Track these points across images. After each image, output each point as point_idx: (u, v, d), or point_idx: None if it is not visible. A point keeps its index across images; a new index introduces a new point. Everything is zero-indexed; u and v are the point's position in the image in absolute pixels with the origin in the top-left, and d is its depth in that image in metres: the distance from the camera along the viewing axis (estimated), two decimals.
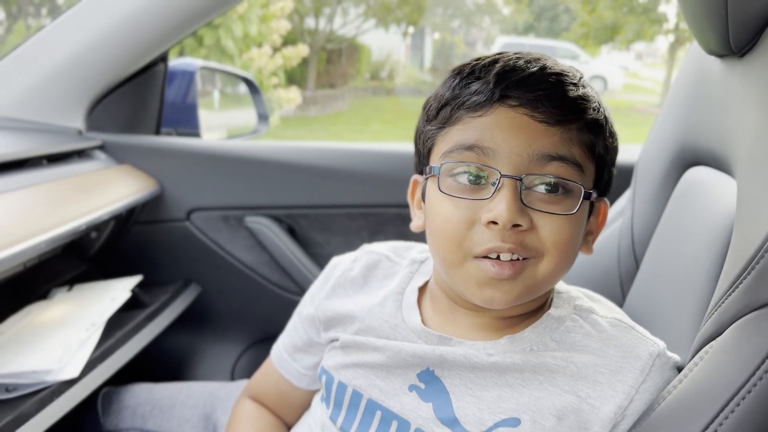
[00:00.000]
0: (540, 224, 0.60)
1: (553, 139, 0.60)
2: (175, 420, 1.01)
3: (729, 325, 0.55)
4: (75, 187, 1.12)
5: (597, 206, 0.68)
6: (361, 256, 0.78)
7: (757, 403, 0.50)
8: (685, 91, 0.91)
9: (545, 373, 0.63)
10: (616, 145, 0.67)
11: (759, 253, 0.53)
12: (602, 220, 0.69)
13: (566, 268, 0.64)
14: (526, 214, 0.59)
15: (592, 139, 0.62)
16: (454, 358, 0.65)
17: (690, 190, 0.86)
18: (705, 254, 0.75)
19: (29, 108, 1.26)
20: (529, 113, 0.59)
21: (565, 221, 0.60)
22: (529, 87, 0.60)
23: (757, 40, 0.65)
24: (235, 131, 1.97)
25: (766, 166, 0.57)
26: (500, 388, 0.63)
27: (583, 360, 0.63)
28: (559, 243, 0.60)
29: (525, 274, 0.60)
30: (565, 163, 0.60)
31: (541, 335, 0.65)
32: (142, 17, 1.22)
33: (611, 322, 0.66)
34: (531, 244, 0.60)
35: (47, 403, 0.85)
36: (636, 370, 0.61)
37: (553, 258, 0.61)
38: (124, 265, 1.33)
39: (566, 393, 0.62)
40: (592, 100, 0.63)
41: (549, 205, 0.60)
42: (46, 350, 0.94)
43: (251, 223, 1.34)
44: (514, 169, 0.59)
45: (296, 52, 7.12)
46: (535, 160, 0.59)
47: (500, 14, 20.24)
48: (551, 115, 0.60)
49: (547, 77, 0.61)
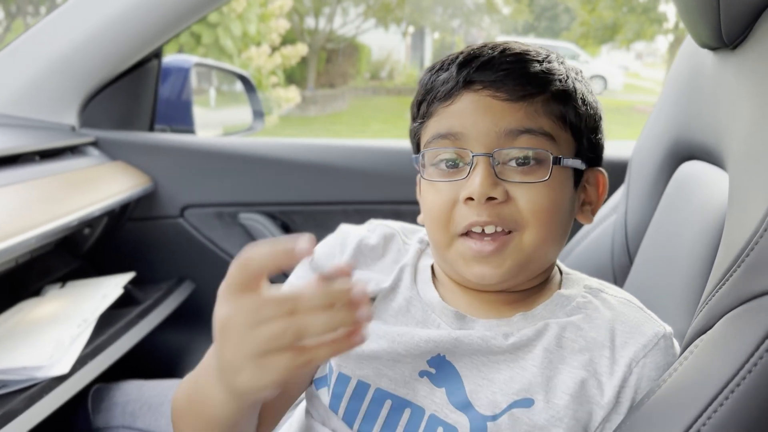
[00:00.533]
0: (516, 195, 0.62)
1: (518, 114, 0.62)
2: (164, 419, 1.00)
3: (719, 318, 0.54)
4: (68, 184, 1.12)
5: (592, 176, 0.70)
6: (375, 227, 0.77)
7: (747, 396, 0.50)
8: (679, 86, 0.91)
9: (555, 350, 0.63)
10: (593, 112, 0.68)
11: (749, 245, 0.53)
12: (602, 190, 0.71)
13: (556, 237, 0.65)
14: (501, 186, 0.62)
15: (561, 109, 0.64)
16: (471, 342, 0.64)
17: (683, 185, 0.86)
18: (698, 249, 0.75)
19: (22, 104, 1.25)
20: (492, 94, 0.63)
21: (541, 189, 0.63)
22: (491, 70, 0.63)
23: (749, 32, 0.64)
24: (231, 129, 1.97)
25: (757, 158, 0.57)
26: (512, 369, 0.63)
27: (592, 335, 0.63)
28: (538, 212, 0.62)
29: (511, 248, 0.63)
30: (532, 134, 0.62)
31: (553, 311, 0.66)
32: (135, 13, 1.22)
33: (620, 300, 0.67)
34: (509, 215, 0.62)
35: (37, 399, 0.84)
36: (639, 345, 0.62)
37: (535, 227, 0.63)
38: (118, 261, 1.32)
39: (576, 369, 0.62)
40: (556, 73, 0.65)
41: (522, 176, 0.62)
42: (36, 347, 0.94)
43: (245, 220, 1.34)
44: (485, 147, 0.62)
45: (295, 52, 7.13)
46: (503, 136, 0.62)
47: (500, 14, 20.24)
48: (513, 92, 0.62)
49: (507, 58, 0.64)
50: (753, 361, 0.50)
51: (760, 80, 0.60)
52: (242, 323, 0.49)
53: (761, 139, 0.57)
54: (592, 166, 0.70)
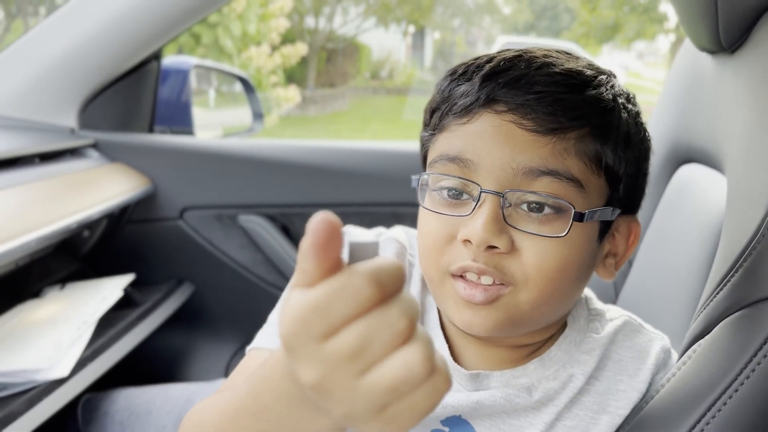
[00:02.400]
0: (522, 247, 0.53)
1: (543, 150, 0.52)
2: (152, 428, 1.00)
3: (717, 323, 0.54)
4: (67, 186, 1.12)
5: (624, 224, 0.59)
6: (385, 243, 0.66)
7: (744, 401, 0.50)
8: (678, 89, 0.90)
9: (575, 396, 0.59)
10: (637, 154, 0.57)
11: (746, 251, 0.53)
12: (633, 242, 0.60)
13: (558, 298, 0.56)
14: (506, 234, 0.52)
15: (597, 149, 0.53)
16: (494, 403, 0.57)
17: (682, 188, 0.86)
18: (696, 252, 0.75)
19: (22, 106, 1.25)
20: (517, 120, 0.52)
21: (554, 245, 0.53)
22: (520, 90, 0.53)
23: (747, 35, 0.64)
24: (231, 130, 1.97)
25: (754, 162, 0.57)
26: (535, 427, 0.58)
27: (605, 374, 0.60)
28: (543, 270, 0.53)
29: (503, 302, 0.54)
30: (556, 178, 0.52)
31: (569, 351, 0.60)
32: (135, 14, 1.21)
33: (624, 321, 0.63)
34: (509, 269, 0.53)
35: (36, 402, 0.85)
36: (652, 366, 0.60)
37: (536, 287, 0.53)
38: (117, 263, 1.32)
39: (597, 414, 0.59)
40: (601, 103, 0.54)
41: (535, 226, 0.53)
42: (36, 349, 0.94)
43: (245, 222, 1.34)
44: (497, 183, 0.53)
45: (295, 51, 7.12)
46: (521, 174, 0.52)
47: (501, 13, 20.24)
48: (542, 123, 0.52)
49: (544, 77, 0.53)
50: (751, 366, 0.50)
51: (758, 84, 0.60)
52: (346, 372, 0.33)
53: (758, 142, 0.57)
54: (626, 213, 0.59)
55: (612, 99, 0.55)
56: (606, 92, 0.55)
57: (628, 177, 0.57)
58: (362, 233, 0.66)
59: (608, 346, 0.61)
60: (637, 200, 0.60)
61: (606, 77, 0.57)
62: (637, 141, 0.57)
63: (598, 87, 0.55)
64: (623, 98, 0.57)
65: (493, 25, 20.67)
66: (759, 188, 0.54)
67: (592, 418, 0.58)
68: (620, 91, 0.57)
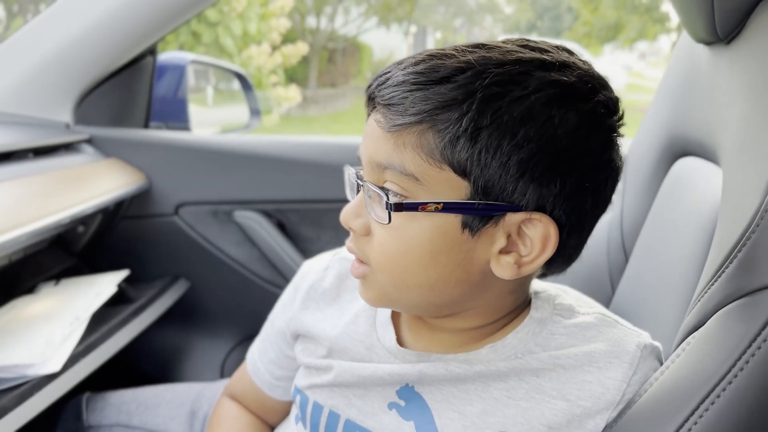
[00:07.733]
0: (375, 232, 0.58)
1: (387, 145, 0.55)
2: (161, 418, 0.99)
3: (711, 314, 0.53)
4: (61, 181, 1.11)
5: (532, 225, 0.55)
6: (333, 264, 0.73)
7: (739, 393, 0.49)
8: (675, 82, 0.90)
9: (531, 380, 0.60)
10: (509, 152, 0.52)
11: (741, 241, 0.52)
12: (545, 244, 0.55)
13: (417, 284, 0.57)
14: (362, 218, 0.59)
15: (437, 143, 0.52)
16: (435, 372, 0.61)
17: (679, 182, 0.85)
18: (693, 246, 0.74)
19: (16, 101, 1.25)
20: (377, 118, 0.56)
21: (393, 231, 0.56)
22: (385, 88, 0.55)
23: (743, 25, 0.63)
24: (228, 127, 1.97)
25: (749, 153, 0.56)
26: (485, 401, 0.60)
27: (569, 361, 0.60)
28: (385, 254, 0.57)
29: (369, 280, 0.60)
30: (395, 171, 0.55)
31: (525, 340, 0.61)
32: (130, 10, 1.21)
33: (595, 317, 0.63)
34: (365, 250, 0.59)
35: (27, 397, 0.84)
36: (625, 364, 0.59)
37: (385, 270, 0.58)
38: (112, 259, 1.32)
39: (554, 399, 0.59)
40: (446, 98, 0.52)
41: (378, 214, 0.58)
42: (28, 344, 0.93)
43: (240, 218, 1.33)
44: (365, 174, 0.59)
45: (296, 51, 7.12)
46: (375, 167, 0.57)
47: (502, 13, 20.23)
48: (389, 120, 0.54)
49: (402, 76, 0.54)
50: (745, 358, 0.49)
51: (753, 74, 0.59)
52: None
53: (754, 133, 0.56)
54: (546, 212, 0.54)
55: (468, 93, 0.52)
56: (464, 86, 0.52)
57: (493, 172, 0.52)
58: (311, 270, 0.75)
59: (573, 339, 0.61)
60: (544, 200, 0.54)
61: (478, 70, 0.52)
62: (497, 137, 0.51)
63: (455, 80, 0.52)
64: (497, 88, 0.52)
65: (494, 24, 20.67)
66: (754, 177, 0.53)
67: (549, 402, 0.59)
68: (501, 78, 0.52)
